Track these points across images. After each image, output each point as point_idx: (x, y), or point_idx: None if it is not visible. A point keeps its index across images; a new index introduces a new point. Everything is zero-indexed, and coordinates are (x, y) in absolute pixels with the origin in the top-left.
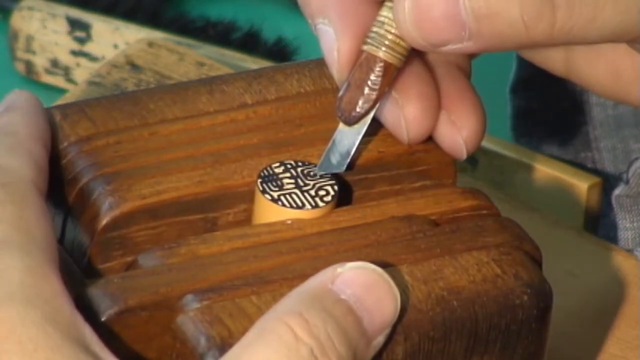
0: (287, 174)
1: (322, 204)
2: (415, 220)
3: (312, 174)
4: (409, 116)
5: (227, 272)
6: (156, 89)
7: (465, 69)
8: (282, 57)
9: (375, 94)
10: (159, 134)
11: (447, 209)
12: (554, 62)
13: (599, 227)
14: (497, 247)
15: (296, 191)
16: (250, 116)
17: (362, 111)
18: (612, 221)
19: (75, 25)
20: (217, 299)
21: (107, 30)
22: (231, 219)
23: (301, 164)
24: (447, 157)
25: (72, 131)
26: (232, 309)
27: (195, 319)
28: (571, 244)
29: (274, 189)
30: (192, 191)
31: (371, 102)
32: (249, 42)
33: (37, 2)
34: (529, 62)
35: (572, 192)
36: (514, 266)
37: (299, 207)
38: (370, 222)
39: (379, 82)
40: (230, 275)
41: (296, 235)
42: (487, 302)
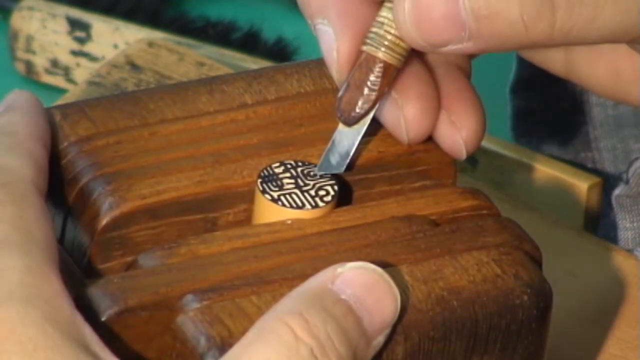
0: (287, 174)
1: (322, 204)
2: (415, 220)
3: (312, 174)
4: (408, 116)
5: (227, 272)
6: (156, 89)
7: (465, 69)
8: (282, 57)
9: (374, 94)
10: (159, 134)
11: (447, 209)
12: (554, 62)
13: (599, 227)
14: (497, 247)
15: (296, 191)
16: (250, 116)
17: (362, 111)
18: (612, 221)
19: (75, 25)
20: (217, 299)
21: (107, 30)
22: (231, 219)
23: (301, 164)
24: (447, 157)
25: (72, 131)
26: (232, 309)
27: (195, 319)
28: (571, 244)
29: (274, 189)
30: (192, 191)
31: (371, 103)
32: (249, 42)
33: (37, 2)
34: (529, 62)
35: (572, 192)
36: (514, 266)
37: (299, 207)
38: (370, 222)
39: (379, 82)
40: (230, 275)
41: (296, 235)
42: (487, 302)
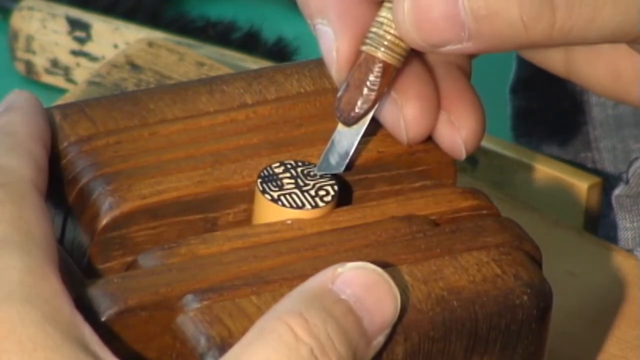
0: (287, 174)
1: (322, 204)
2: (415, 220)
3: (312, 174)
4: (408, 116)
5: (227, 272)
6: (156, 89)
7: (465, 69)
8: (282, 57)
9: (374, 94)
10: (159, 134)
11: (447, 209)
12: (554, 62)
13: (599, 227)
14: (497, 247)
15: (296, 191)
16: (250, 116)
17: (361, 111)
18: (612, 221)
19: (75, 25)
20: (217, 299)
21: (107, 30)
22: (231, 219)
23: (301, 164)
24: (447, 157)
25: (72, 131)
26: (232, 309)
27: (195, 319)
28: (571, 244)
29: (274, 189)
30: (192, 191)
31: (370, 103)
32: (249, 42)
33: (37, 2)
34: (529, 62)
35: (572, 192)
36: (514, 266)
37: (299, 207)
38: (370, 222)
39: (378, 82)
40: (230, 275)
41: (296, 235)
42: (487, 302)
